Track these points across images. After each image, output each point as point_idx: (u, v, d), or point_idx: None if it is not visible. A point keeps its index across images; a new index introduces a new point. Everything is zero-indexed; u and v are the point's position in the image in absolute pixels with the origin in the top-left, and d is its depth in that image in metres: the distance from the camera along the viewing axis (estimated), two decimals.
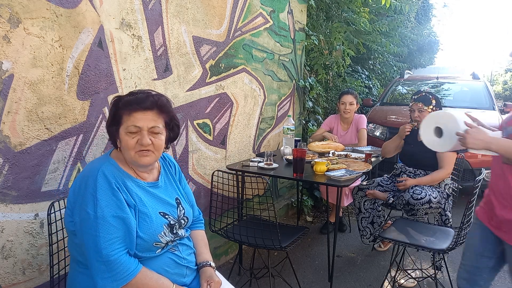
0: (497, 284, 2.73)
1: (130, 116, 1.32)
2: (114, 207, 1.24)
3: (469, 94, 5.71)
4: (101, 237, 1.20)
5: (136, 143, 1.31)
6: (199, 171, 2.63)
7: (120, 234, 1.24)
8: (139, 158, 1.33)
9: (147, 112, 1.33)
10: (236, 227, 2.26)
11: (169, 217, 1.40)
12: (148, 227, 1.31)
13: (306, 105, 4.19)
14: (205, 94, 2.58)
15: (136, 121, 1.31)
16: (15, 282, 1.55)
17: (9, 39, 1.43)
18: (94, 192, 1.23)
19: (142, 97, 1.35)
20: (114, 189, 1.26)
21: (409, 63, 10.38)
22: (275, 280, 2.62)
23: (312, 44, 4.14)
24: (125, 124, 1.32)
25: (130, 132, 1.31)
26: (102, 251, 1.20)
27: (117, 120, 1.34)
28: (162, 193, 1.43)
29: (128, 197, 1.29)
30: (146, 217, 1.32)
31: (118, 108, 1.34)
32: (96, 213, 1.21)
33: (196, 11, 2.42)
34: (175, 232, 1.42)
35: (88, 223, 1.22)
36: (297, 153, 2.39)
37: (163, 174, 1.49)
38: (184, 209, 1.49)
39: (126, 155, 1.35)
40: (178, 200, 1.48)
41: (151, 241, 1.32)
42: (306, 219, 3.89)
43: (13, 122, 1.48)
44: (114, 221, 1.23)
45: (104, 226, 1.21)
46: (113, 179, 1.28)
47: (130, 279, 1.23)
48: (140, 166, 1.38)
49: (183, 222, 1.47)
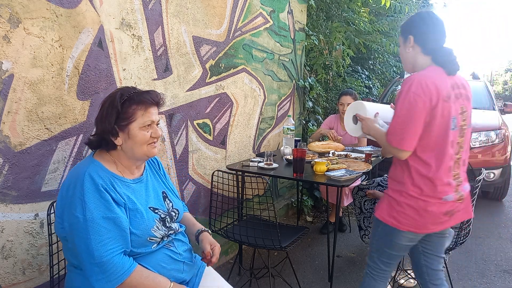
0: (497, 284, 2.73)
1: (146, 111, 1.37)
2: (103, 209, 1.24)
3: None
4: (92, 240, 1.20)
5: (150, 136, 1.38)
6: (199, 171, 2.63)
7: (112, 235, 1.24)
8: (151, 149, 1.40)
9: (155, 107, 1.42)
10: (236, 227, 2.26)
11: (159, 211, 1.42)
12: (139, 222, 1.32)
13: (306, 105, 4.19)
14: (205, 94, 2.59)
15: (151, 115, 1.38)
16: (15, 282, 1.55)
17: (9, 39, 1.43)
18: (82, 195, 1.23)
19: (149, 91, 1.42)
20: (101, 191, 1.26)
21: None
22: (275, 280, 2.62)
23: (312, 44, 4.14)
24: (140, 120, 1.35)
25: (145, 126, 1.37)
26: (94, 253, 1.20)
27: (126, 116, 1.34)
28: (148, 188, 1.46)
29: (117, 196, 1.30)
30: (136, 213, 1.33)
31: (127, 104, 1.34)
32: (85, 216, 1.21)
33: (196, 11, 2.42)
34: (168, 225, 1.44)
35: (78, 227, 1.22)
36: (297, 153, 2.39)
37: (147, 170, 1.53)
38: (172, 202, 1.52)
39: (137, 150, 1.36)
40: (164, 194, 1.52)
41: (145, 236, 1.33)
42: (306, 219, 3.89)
43: (13, 122, 1.48)
44: (104, 223, 1.23)
45: (94, 228, 1.21)
46: (100, 180, 1.27)
47: (124, 278, 1.23)
48: (146, 159, 1.45)
49: (174, 215, 1.50)
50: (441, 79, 1.54)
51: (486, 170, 4.15)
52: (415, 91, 1.49)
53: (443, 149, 1.54)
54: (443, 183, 1.55)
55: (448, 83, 1.55)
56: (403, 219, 1.59)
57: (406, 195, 1.58)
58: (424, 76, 1.52)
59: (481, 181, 2.13)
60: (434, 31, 1.61)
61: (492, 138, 4.36)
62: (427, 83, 1.49)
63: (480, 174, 2.22)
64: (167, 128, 2.30)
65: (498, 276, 2.87)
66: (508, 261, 3.11)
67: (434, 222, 1.58)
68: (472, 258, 3.14)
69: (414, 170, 1.57)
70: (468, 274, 2.86)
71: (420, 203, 1.55)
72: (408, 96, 1.51)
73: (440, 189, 1.55)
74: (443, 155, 1.54)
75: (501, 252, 3.28)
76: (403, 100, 1.52)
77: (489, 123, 4.53)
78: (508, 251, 3.31)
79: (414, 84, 1.51)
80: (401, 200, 1.60)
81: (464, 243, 2.21)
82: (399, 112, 1.55)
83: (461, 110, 1.58)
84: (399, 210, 1.60)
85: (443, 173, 1.55)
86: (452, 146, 1.55)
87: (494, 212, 4.40)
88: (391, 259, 1.74)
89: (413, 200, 1.56)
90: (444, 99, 1.50)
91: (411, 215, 1.57)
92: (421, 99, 1.49)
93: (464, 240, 2.18)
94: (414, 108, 1.50)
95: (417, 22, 1.64)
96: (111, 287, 1.22)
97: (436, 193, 1.55)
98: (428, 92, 1.48)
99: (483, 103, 5.30)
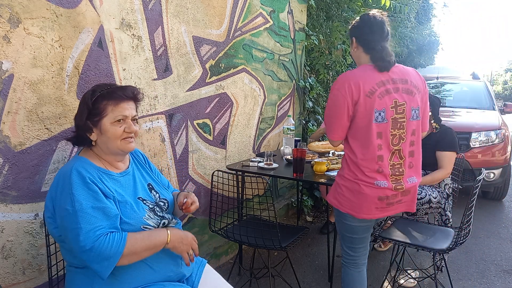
0: (497, 284, 2.73)
1: (117, 106, 1.38)
2: (92, 199, 1.26)
3: (469, 94, 5.71)
4: (83, 228, 1.21)
5: (123, 131, 1.39)
6: (199, 171, 2.63)
7: (102, 223, 1.25)
8: (125, 145, 1.41)
9: (129, 102, 1.43)
10: (236, 227, 2.26)
11: (147, 202, 1.45)
12: (130, 213, 1.34)
13: (306, 105, 4.19)
14: (205, 94, 2.59)
15: (123, 110, 1.39)
16: (15, 282, 1.55)
17: (9, 39, 1.43)
18: (70, 189, 1.25)
19: (123, 86, 1.43)
20: (88, 183, 1.28)
21: (409, 63, 10.37)
22: (275, 280, 2.62)
23: (312, 44, 4.14)
24: (111, 115, 1.37)
25: (117, 121, 1.38)
26: (86, 241, 1.20)
27: (97, 112, 1.37)
28: (135, 179, 1.49)
29: (105, 189, 1.32)
30: (126, 204, 1.35)
31: (98, 100, 1.37)
32: (75, 207, 1.23)
33: (196, 11, 2.42)
34: (160, 215, 1.45)
35: (69, 219, 1.23)
36: (297, 153, 2.39)
37: (132, 164, 1.55)
38: (159, 193, 1.55)
39: (111, 145, 1.39)
40: (150, 186, 1.54)
41: (138, 225, 1.35)
42: (306, 219, 3.89)
43: (13, 122, 1.48)
44: (93, 212, 1.24)
45: (84, 217, 1.22)
46: (87, 174, 1.30)
47: (121, 250, 1.23)
48: (123, 154, 1.45)
49: (163, 204, 1.51)
50: (367, 76, 1.70)
51: (486, 170, 4.15)
52: (338, 88, 1.70)
53: (367, 139, 1.69)
54: (371, 170, 1.69)
55: (375, 79, 1.69)
56: (343, 201, 1.78)
57: (344, 179, 1.77)
58: (347, 76, 1.71)
59: (481, 181, 2.13)
60: (372, 32, 1.75)
61: (492, 138, 4.35)
62: (349, 82, 1.67)
63: (480, 174, 2.21)
64: (167, 128, 2.30)
65: (498, 276, 2.87)
66: (508, 261, 3.11)
67: (370, 206, 1.72)
68: (472, 258, 3.14)
69: (347, 156, 1.77)
70: (468, 274, 2.86)
71: (354, 186, 1.72)
72: (332, 93, 1.73)
73: (369, 175, 1.70)
74: (368, 144, 1.69)
75: (501, 252, 3.29)
76: (330, 97, 1.75)
77: (489, 123, 4.53)
78: (508, 251, 3.31)
79: (338, 83, 1.72)
80: (341, 183, 1.79)
81: (464, 243, 2.20)
82: (326, 108, 1.79)
83: (394, 104, 1.70)
84: (339, 192, 1.79)
85: (369, 161, 1.69)
86: (380, 137, 1.69)
87: (494, 212, 4.40)
88: (352, 243, 1.88)
89: (349, 182, 1.74)
90: (367, 94, 1.67)
91: (348, 196, 1.75)
92: (341, 95, 1.68)
93: (464, 240, 2.18)
94: (335, 104, 1.71)
95: (359, 25, 1.81)
96: (113, 263, 1.23)
97: (366, 178, 1.70)
98: (350, 90, 1.67)
99: (483, 103, 5.30)
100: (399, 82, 1.71)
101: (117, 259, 1.23)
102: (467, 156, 4.06)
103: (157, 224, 1.41)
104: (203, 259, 1.64)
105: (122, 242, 1.24)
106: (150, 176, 1.60)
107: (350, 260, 1.91)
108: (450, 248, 2.15)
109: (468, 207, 2.12)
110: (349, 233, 1.86)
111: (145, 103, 2.11)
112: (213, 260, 2.82)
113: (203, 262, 1.62)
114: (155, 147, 2.22)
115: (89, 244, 1.20)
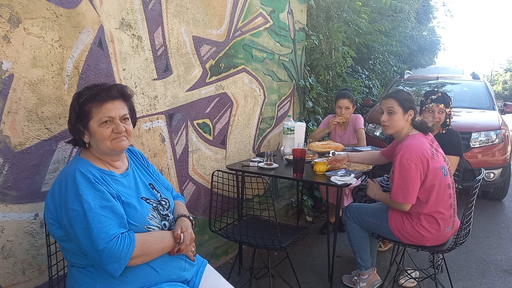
0: (497, 284, 2.73)
1: (101, 108, 1.36)
2: (99, 199, 1.27)
3: (469, 94, 5.70)
4: (94, 229, 1.22)
5: (112, 132, 1.37)
6: (199, 171, 2.63)
7: (112, 222, 1.26)
8: (116, 144, 1.38)
9: (115, 102, 1.39)
10: (236, 227, 2.26)
11: (151, 201, 1.46)
12: (134, 213, 1.35)
13: (306, 105, 4.19)
14: (205, 94, 2.59)
15: (108, 111, 1.37)
16: (15, 282, 1.55)
17: (9, 39, 1.43)
18: (76, 189, 1.26)
19: (107, 87, 1.39)
20: (94, 183, 1.29)
21: (410, 63, 10.37)
22: (275, 280, 2.62)
23: (313, 44, 4.14)
24: (96, 117, 1.36)
25: (103, 123, 1.36)
26: (98, 241, 1.22)
27: (84, 115, 1.36)
28: (136, 179, 1.49)
29: (109, 189, 1.33)
30: (130, 205, 1.36)
31: (84, 103, 1.36)
32: (84, 207, 1.24)
33: (196, 11, 2.42)
34: (163, 214, 1.47)
35: (79, 219, 1.24)
36: (297, 153, 2.39)
37: (132, 164, 1.55)
38: (160, 192, 1.55)
39: (101, 146, 1.38)
40: (151, 185, 1.55)
41: (142, 225, 1.36)
42: (306, 219, 3.89)
43: (13, 122, 1.48)
44: (102, 211, 1.26)
45: (94, 217, 1.24)
46: (91, 174, 1.31)
47: (132, 252, 1.26)
48: (116, 153, 1.43)
49: (164, 203, 1.52)
50: (424, 142, 2.05)
51: (486, 170, 4.15)
52: (408, 158, 1.99)
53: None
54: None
55: (428, 142, 2.06)
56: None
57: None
58: (413, 146, 2.01)
59: (481, 181, 2.13)
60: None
61: (492, 138, 4.35)
62: (416, 152, 1.99)
63: (480, 174, 2.21)
64: (167, 128, 2.30)
65: (498, 276, 2.87)
66: (508, 261, 3.11)
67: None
68: (472, 258, 3.14)
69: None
70: (468, 274, 2.86)
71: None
72: (402, 162, 2.01)
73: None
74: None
75: (501, 252, 3.28)
76: (399, 166, 2.04)
77: (489, 123, 4.52)
78: (508, 251, 3.30)
79: (406, 153, 2.01)
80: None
81: (464, 243, 2.20)
82: (397, 176, 2.06)
83: (443, 158, 2.10)
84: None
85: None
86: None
87: (494, 212, 4.40)
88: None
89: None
90: (431, 157, 2.00)
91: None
92: (413, 164, 1.98)
93: (464, 240, 2.18)
94: (408, 171, 2.01)
95: (414, 100, 2.19)
96: (124, 264, 1.25)
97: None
98: (420, 159, 1.99)
99: (483, 103, 5.29)
100: (433, 138, 2.23)
101: (127, 261, 1.25)
102: (467, 156, 4.06)
103: (160, 224, 1.42)
104: (204, 260, 1.64)
105: (132, 244, 1.26)
106: (150, 176, 1.60)
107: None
108: (450, 248, 2.15)
109: (468, 207, 2.12)
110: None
111: (145, 103, 2.11)
112: (213, 260, 2.82)
113: (204, 262, 1.63)
114: (155, 147, 2.22)
115: (102, 244, 1.21)
